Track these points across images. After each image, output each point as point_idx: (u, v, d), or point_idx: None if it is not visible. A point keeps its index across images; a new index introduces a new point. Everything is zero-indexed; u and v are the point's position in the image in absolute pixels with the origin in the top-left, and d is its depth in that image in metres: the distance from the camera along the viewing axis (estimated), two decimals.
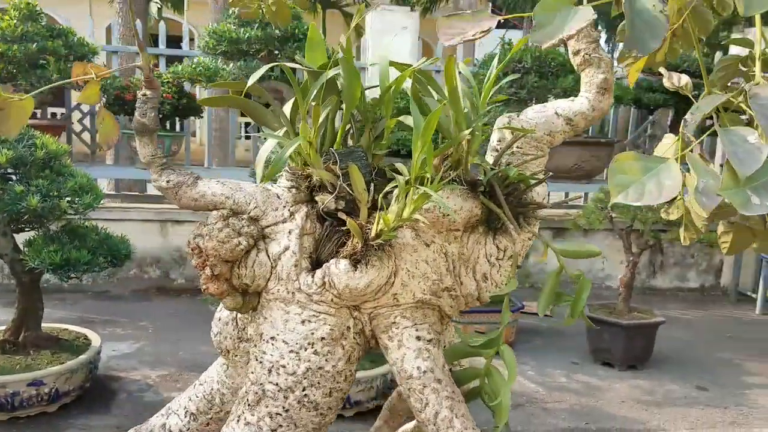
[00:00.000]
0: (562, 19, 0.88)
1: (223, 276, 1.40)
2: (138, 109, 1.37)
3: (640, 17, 0.88)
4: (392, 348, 1.48)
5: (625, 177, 0.92)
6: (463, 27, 0.95)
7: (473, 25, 0.95)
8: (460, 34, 0.95)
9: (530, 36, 0.90)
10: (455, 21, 0.97)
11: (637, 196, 0.91)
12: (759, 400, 4.26)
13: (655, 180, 0.90)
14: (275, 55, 5.32)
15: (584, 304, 1.47)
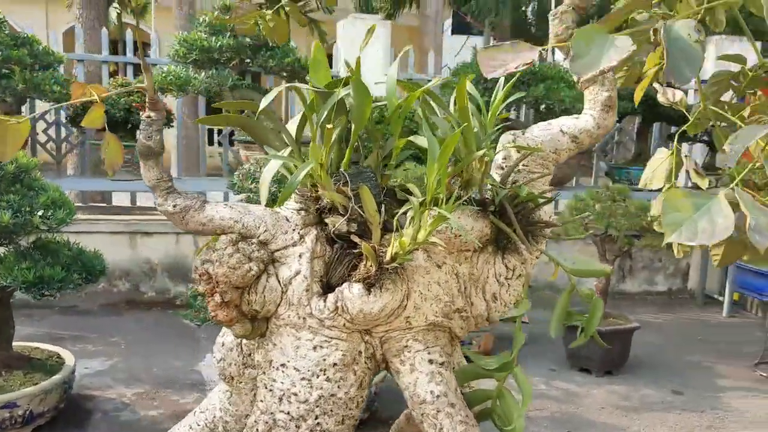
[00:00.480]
0: (599, 48, 0.88)
1: (233, 303, 1.36)
2: (142, 132, 1.32)
3: (675, 46, 0.88)
4: (404, 372, 1.46)
5: (678, 215, 0.92)
6: (504, 59, 0.94)
7: (514, 57, 0.94)
8: (501, 66, 0.94)
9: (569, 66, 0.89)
10: (496, 53, 0.95)
11: (690, 235, 0.90)
12: (732, 404, 4.35)
13: (707, 217, 0.90)
14: (246, 63, 5.26)
15: (597, 324, 1.47)
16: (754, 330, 5.95)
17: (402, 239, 1.31)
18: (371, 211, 1.35)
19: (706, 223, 0.89)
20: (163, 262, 5.73)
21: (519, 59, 0.93)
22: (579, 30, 0.90)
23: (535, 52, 0.95)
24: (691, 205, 0.92)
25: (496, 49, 0.96)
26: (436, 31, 8.07)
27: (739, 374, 4.89)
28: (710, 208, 0.91)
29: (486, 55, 0.95)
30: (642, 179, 1.93)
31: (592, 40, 0.88)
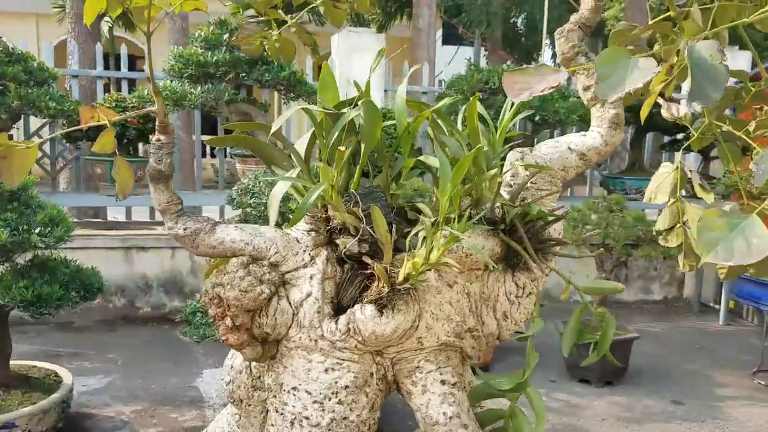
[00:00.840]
0: (623, 70, 0.88)
1: (244, 326, 1.34)
2: (153, 155, 1.31)
3: (699, 67, 0.88)
4: (416, 393, 1.45)
5: (714, 235, 0.92)
6: (529, 82, 0.94)
7: (538, 80, 0.94)
8: (526, 89, 0.94)
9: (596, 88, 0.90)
10: (520, 76, 0.95)
11: (727, 255, 0.90)
12: (732, 413, 4.35)
13: (742, 237, 0.90)
14: (242, 78, 5.26)
15: (608, 344, 1.47)
16: (750, 338, 5.97)
17: (415, 260, 1.30)
18: (382, 231, 1.35)
19: (741, 243, 0.89)
20: (159, 277, 5.70)
21: (544, 82, 0.93)
22: (602, 52, 0.91)
23: (560, 74, 0.95)
24: (726, 225, 0.92)
25: (521, 72, 0.96)
26: (429, 43, 8.11)
27: (738, 383, 4.90)
28: (744, 228, 0.91)
29: (511, 79, 0.95)
30: (646, 193, 1.93)
31: (616, 62, 0.88)
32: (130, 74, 5.70)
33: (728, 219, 0.93)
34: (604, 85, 0.88)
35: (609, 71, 0.88)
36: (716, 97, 0.92)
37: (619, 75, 0.88)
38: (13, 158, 1.33)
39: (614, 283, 1.47)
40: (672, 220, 1.91)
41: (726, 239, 0.91)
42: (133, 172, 1.29)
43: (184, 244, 1.37)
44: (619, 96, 0.89)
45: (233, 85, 5.20)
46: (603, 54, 0.91)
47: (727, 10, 1.57)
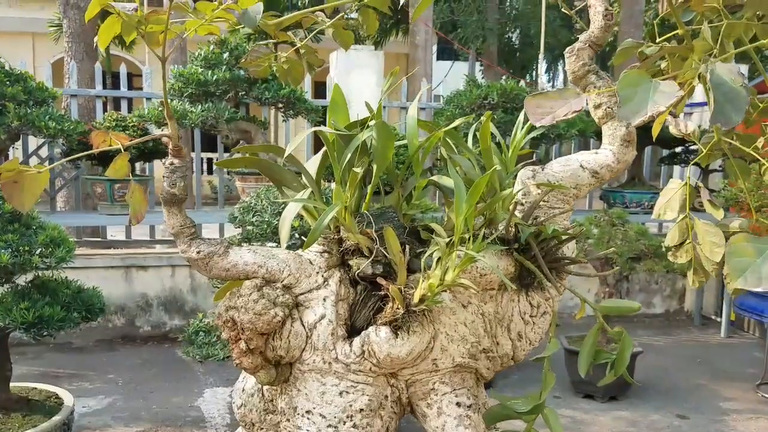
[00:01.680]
0: (645, 92, 0.88)
1: (258, 349, 1.33)
2: (166, 179, 1.30)
3: (720, 90, 0.88)
4: (431, 416, 1.44)
5: (742, 261, 0.91)
6: (552, 106, 0.94)
7: (561, 104, 0.94)
8: (549, 113, 0.93)
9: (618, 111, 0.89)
10: (542, 100, 0.95)
11: (755, 281, 0.90)
12: (738, 427, 4.33)
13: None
14: (242, 96, 5.27)
15: (624, 365, 1.46)
16: (753, 350, 5.96)
17: (430, 281, 1.29)
18: (396, 252, 1.34)
19: None
20: (159, 296, 5.67)
21: (567, 107, 0.93)
22: (623, 74, 0.90)
23: (583, 99, 0.95)
24: (753, 250, 0.91)
25: (543, 96, 0.95)
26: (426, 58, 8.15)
27: (742, 396, 4.88)
28: None
29: (533, 103, 0.94)
30: (655, 210, 1.93)
31: (638, 84, 0.88)
32: (129, 93, 5.70)
33: (756, 244, 0.92)
34: (626, 109, 0.88)
35: (630, 94, 0.88)
36: (738, 120, 0.91)
37: (641, 97, 0.87)
38: (24, 183, 1.33)
39: (631, 302, 1.46)
40: (681, 236, 1.91)
41: (755, 265, 0.90)
42: (146, 196, 1.27)
43: (197, 268, 1.36)
44: (642, 119, 0.89)
45: (233, 104, 5.20)
46: (624, 76, 0.90)
47: (735, 27, 1.58)
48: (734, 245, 0.94)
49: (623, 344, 1.45)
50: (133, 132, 4.87)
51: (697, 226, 1.85)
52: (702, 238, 1.84)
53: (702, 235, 1.83)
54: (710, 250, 1.84)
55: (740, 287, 0.92)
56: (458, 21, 11.00)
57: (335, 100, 1.45)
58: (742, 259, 0.92)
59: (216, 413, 4.26)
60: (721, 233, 1.83)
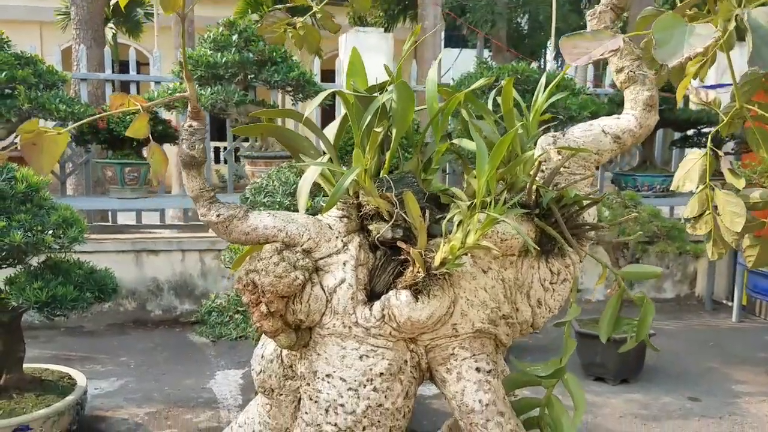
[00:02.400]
0: (680, 36, 0.86)
1: (278, 312, 1.32)
2: (185, 141, 1.29)
3: (758, 34, 0.86)
4: (451, 381, 1.43)
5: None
6: (587, 46, 0.92)
7: (596, 45, 0.92)
8: (585, 53, 0.92)
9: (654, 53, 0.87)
10: (579, 41, 0.93)
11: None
12: (750, 409, 4.31)
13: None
14: (251, 79, 5.26)
15: (647, 330, 1.44)
16: (764, 334, 5.93)
17: (452, 243, 1.28)
18: (416, 216, 1.33)
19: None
20: (170, 281, 5.68)
21: (602, 47, 0.91)
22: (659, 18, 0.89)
23: (619, 39, 0.93)
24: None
25: (579, 36, 0.94)
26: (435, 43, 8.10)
27: (754, 379, 4.85)
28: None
29: (569, 43, 0.93)
30: (674, 181, 1.91)
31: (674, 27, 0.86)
32: (138, 77, 5.70)
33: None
34: (662, 51, 0.86)
35: (667, 37, 0.86)
36: None
37: (677, 40, 0.86)
38: (43, 145, 1.31)
39: (653, 267, 1.44)
40: (701, 207, 1.89)
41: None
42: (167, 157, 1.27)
43: (216, 231, 1.35)
44: (678, 61, 0.87)
45: (242, 87, 5.19)
46: (660, 20, 0.88)
47: None
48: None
49: (645, 310, 1.44)
50: None
51: (718, 196, 1.83)
52: (722, 209, 1.82)
53: (722, 206, 1.81)
54: (731, 220, 1.82)
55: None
56: (467, 6, 10.93)
57: (354, 62, 1.43)
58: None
59: (228, 395, 4.27)
60: (742, 203, 1.81)
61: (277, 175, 3.54)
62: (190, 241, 5.74)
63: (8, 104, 4.41)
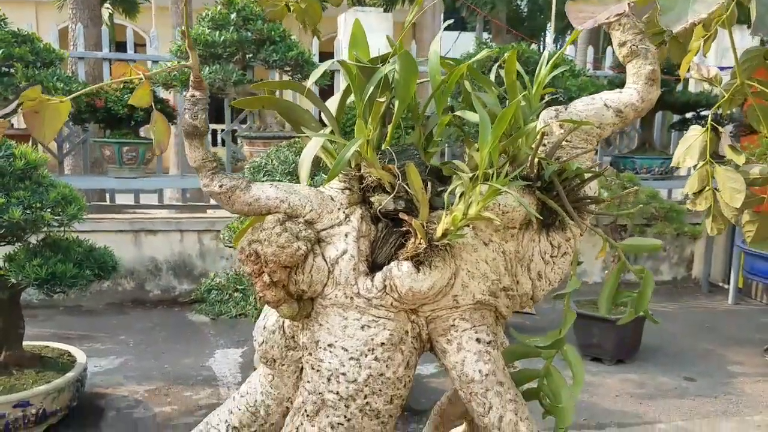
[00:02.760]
0: (684, 2, 0.86)
1: (281, 282, 1.33)
2: (188, 111, 1.29)
3: (761, 2, 0.86)
4: (451, 351, 1.44)
5: None
6: (593, 11, 0.92)
7: (601, 9, 0.92)
8: (591, 17, 0.92)
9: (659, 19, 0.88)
10: (584, 5, 0.94)
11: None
12: (745, 389, 4.35)
13: None
14: (249, 59, 5.23)
15: (646, 302, 1.45)
16: (760, 316, 5.97)
17: (454, 215, 1.28)
18: (418, 188, 1.33)
19: None
20: (168, 261, 5.69)
21: (607, 11, 0.91)
22: None
23: (624, 5, 0.93)
24: None
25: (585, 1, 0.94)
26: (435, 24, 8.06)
27: (749, 360, 4.90)
28: None
29: (575, 7, 0.93)
30: (675, 157, 1.91)
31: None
32: (136, 56, 5.66)
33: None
34: (667, 17, 0.86)
35: (671, 3, 0.86)
36: None
37: (681, 6, 0.86)
38: (46, 113, 1.32)
39: (653, 240, 1.45)
40: (701, 183, 1.90)
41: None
42: (170, 127, 1.26)
43: (219, 202, 1.35)
44: (683, 26, 0.87)
45: (240, 66, 5.16)
46: None
47: None
48: None
49: (645, 282, 1.45)
50: None
51: (718, 172, 1.83)
52: (722, 185, 1.83)
53: (722, 182, 1.82)
54: (731, 196, 1.83)
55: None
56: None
57: (356, 34, 1.43)
58: None
59: (227, 372, 4.30)
60: (741, 179, 1.82)
61: (276, 154, 3.54)
62: (189, 222, 5.74)
63: (5, 82, 4.39)
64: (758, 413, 4.00)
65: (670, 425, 3.79)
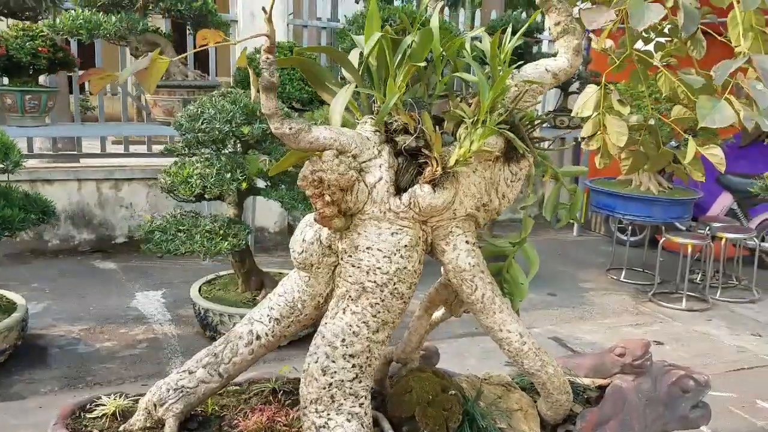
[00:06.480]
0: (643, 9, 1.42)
1: (337, 202, 1.78)
2: (266, 71, 1.68)
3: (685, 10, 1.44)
4: (449, 250, 1.98)
5: (704, 109, 1.49)
6: (595, 17, 1.46)
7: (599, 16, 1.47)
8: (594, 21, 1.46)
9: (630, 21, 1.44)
10: (589, 14, 1.48)
11: (713, 122, 1.48)
12: (595, 300, 5.35)
13: (718, 112, 1.48)
14: (148, 8, 5.32)
15: (577, 210, 2.08)
16: (599, 244, 7.12)
17: (462, 149, 1.81)
18: (431, 131, 1.84)
19: (719, 115, 1.47)
20: (66, 210, 5.71)
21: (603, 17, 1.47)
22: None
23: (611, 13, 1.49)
24: (711, 104, 1.50)
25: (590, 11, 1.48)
26: None
27: (596, 279, 5.94)
28: (720, 107, 1.49)
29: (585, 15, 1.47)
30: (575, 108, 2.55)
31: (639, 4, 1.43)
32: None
33: (712, 101, 1.52)
34: (635, 20, 1.43)
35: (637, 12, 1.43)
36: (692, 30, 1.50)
37: (640, 14, 1.43)
38: (152, 70, 1.66)
39: (581, 167, 2.07)
40: (594, 128, 2.55)
41: (713, 111, 1.50)
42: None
43: (287, 141, 1.76)
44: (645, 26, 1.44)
45: (141, 14, 5.24)
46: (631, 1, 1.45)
47: None
48: (701, 101, 1.53)
49: (575, 197, 2.08)
50: (43, 43, 4.81)
51: (607, 120, 2.49)
52: (610, 129, 2.49)
53: (610, 127, 2.49)
54: (616, 137, 2.50)
55: (706, 125, 1.50)
56: None
57: (371, 12, 1.88)
58: (704, 109, 1.51)
59: (155, 311, 4.57)
60: (624, 125, 2.50)
61: (212, 103, 3.83)
62: (86, 171, 5.77)
63: None
64: (607, 318, 4.98)
65: (542, 329, 4.65)
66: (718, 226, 5.57)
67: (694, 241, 5.24)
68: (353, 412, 1.88)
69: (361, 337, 1.88)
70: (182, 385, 2.02)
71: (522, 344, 2.02)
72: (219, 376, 2.05)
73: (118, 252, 5.82)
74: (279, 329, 2.07)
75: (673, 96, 2.25)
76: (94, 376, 3.56)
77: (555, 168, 2.10)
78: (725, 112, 1.55)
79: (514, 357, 2.04)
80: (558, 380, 2.11)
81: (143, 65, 1.58)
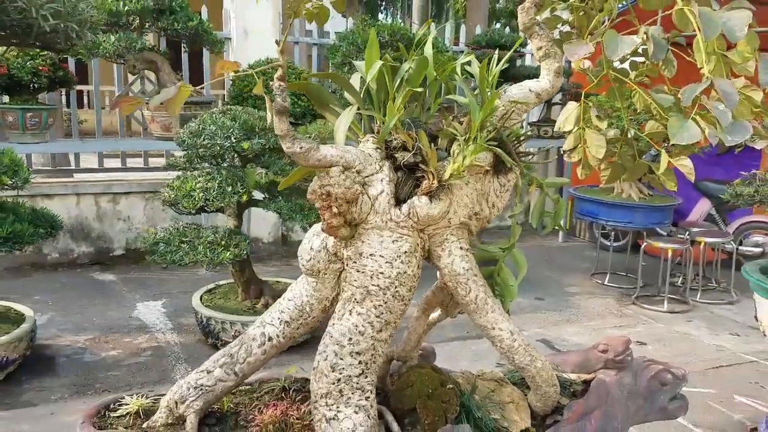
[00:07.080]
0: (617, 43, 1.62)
1: (343, 213, 1.96)
2: (279, 96, 1.86)
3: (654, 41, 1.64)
4: (444, 256, 2.17)
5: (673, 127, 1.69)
6: (576, 50, 1.66)
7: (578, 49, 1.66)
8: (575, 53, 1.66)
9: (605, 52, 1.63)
10: (570, 47, 1.67)
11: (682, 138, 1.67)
12: (581, 304, 5.55)
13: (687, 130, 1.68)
14: (146, 27, 5.49)
15: (561, 218, 2.27)
16: (583, 250, 7.34)
17: (457, 163, 2.00)
18: (427, 147, 2.03)
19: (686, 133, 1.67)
20: (66, 224, 5.83)
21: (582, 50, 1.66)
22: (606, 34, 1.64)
23: (590, 47, 1.68)
24: (680, 123, 1.69)
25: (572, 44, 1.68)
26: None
27: (581, 283, 6.16)
28: (688, 125, 1.69)
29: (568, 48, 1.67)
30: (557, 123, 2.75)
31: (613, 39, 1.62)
32: None
33: (681, 121, 1.71)
34: (609, 51, 1.63)
35: (611, 44, 1.62)
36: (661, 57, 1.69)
37: (615, 45, 1.62)
38: (177, 96, 1.84)
39: (563, 178, 2.26)
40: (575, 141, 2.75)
41: (681, 130, 1.69)
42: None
43: (298, 159, 1.94)
44: (619, 56, 1.64)
45: (137, 34, 5.41)
46: (606, 35, 1.65)
47: None
48: (671, 121, 1.72)
49: (559, 205, 2.27)
50: (43, 62, 4.96)
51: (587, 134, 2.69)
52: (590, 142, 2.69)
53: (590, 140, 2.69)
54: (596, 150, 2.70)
55: (677, 142, 1.69)
56: None
57: (372, 41, 2.07)
58: (673, 128, 1.70)
59: (157, 321, 4.72)
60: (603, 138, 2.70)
61: (212, 120, 4.01)
62: (84, 186, 5.91)
63: None
64: (592, 320, 5.19)
65: (531, 332, 4.84)
66: (698, 230, 5.81)
67: (674, 245, 5.47)
68: (360, 404, 2.06)
69: (367, 336, 2.06)
70: (201, 383, 2.19)
71: (513, 341, 2.21)
72: (234, 375, 2.22)
73: (117, 264, 5.96)
74: (289, 331, 2.24)
75: (647, 111, 2.46)
76: (102, 383, 3.70)
77: (540, 179, 2.29)
78: (692, 131, 1.75)
79: (506, 353, 2.23)
80: (546, 373, 2.30)
81: (172, 93, 1.76)
